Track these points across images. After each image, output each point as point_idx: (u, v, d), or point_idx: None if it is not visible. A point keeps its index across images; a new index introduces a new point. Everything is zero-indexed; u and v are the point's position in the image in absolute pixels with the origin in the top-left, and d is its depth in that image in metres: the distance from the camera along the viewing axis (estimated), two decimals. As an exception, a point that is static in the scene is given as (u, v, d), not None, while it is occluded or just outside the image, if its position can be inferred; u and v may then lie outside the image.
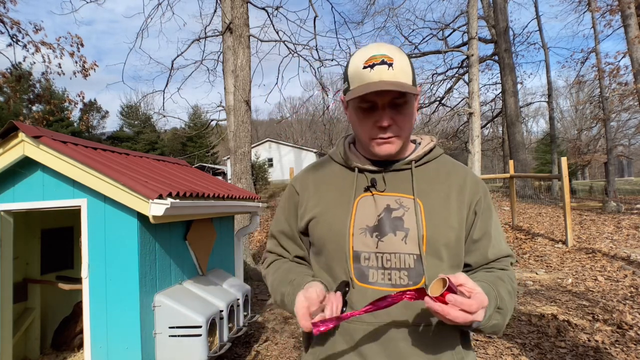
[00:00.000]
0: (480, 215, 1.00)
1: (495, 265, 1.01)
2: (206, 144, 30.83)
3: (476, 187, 1.01)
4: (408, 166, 1.00)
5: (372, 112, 0.93)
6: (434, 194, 0.97)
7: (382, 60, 0.89)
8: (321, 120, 24.77)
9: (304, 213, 1.05)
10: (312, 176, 1.09)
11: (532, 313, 4.15)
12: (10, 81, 9.15)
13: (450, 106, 19.27)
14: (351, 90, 0.92)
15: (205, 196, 3.21)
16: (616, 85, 13.56)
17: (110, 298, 2.69)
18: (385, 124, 0.91)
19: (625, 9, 10.66)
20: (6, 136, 2.76)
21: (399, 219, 0.94)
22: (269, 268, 1.13)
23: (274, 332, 4.18)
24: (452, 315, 0.76)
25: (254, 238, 10.23)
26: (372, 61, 0.89)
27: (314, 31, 9.79)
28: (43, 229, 3.86)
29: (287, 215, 1.11)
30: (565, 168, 6.77)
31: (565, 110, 35.48)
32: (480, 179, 1.04)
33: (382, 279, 0.92)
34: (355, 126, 0.99)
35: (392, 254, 0.92)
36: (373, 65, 0.89)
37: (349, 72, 0.94)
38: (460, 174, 1.02)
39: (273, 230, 1.15)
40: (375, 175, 0.99)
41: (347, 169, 1.04)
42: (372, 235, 0.94)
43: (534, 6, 18.75)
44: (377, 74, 0.88)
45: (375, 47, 0.92)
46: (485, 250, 1.00)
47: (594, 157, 24.26)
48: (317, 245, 1.02)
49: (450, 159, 1.08)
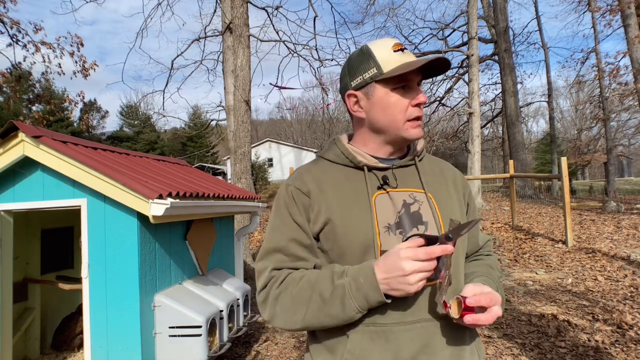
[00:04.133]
0: (471, 206, 1.10)
1: (483, 252, 1.14)
2: (206, 144, 30.86)
3: (463, 180, 1.11)
4: (412, 162, 1.02)
5: (408, 92, 0.96)
6: (438, 187, 1.01)
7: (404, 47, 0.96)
8: (321, 120, 24.70)
9: (317, 217, 0.95)
10: (312, 177, 1.01)
11: (532, 313, 4.15)
12: (10, 81, 9.15)
13: (450, 106, 19.30)
14: (392, 69, 0.93)
15: (205, 196, 3.21)
16: (616, 85, 13.55)
17: (110, 298, 2.69)
18: (424, 99, 0.96)
19: (625, 9, 10.66)
20: (6, 136, 2.76)
21: (417, 213, 0.95)
22: (283, 283, 0.93)
23: (274, 332, 4.18)
24: (483, 321, 0.83)
25: (254, 238, 10.23)
26: (398, 47, 0.95)
27: (314, 31, 9.79)
28: (43, 229, 3.86)
29: (299, 220, 0.96)
30: (565, 168, 6.77)
31: (565, 110, 35.53)
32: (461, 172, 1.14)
33: None
34: (387, 112, 0.96)
35: None
36: (403, 49, 0.95)
37: (378, 57, 0.94)
38: (450, 169, 1.11)
39: (276, 243, 0.97)
40: (385, 172, 0.99)
41: (351, 168, 1.00)
42: (396, 232, 0.93)
43: (534, 6, 18.76)
44: (410, 56, 0.95)
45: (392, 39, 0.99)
46: (477, 237, 1.12)
47: (594, 157, 24.24)
48: (336, 250, 0.94)
49: (431, 155, 1.15)
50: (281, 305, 0.91)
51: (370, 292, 0.83)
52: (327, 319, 0.87)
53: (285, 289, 0.91)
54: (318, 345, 0.98)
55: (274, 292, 0.93)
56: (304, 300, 0.88)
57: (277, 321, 0.93)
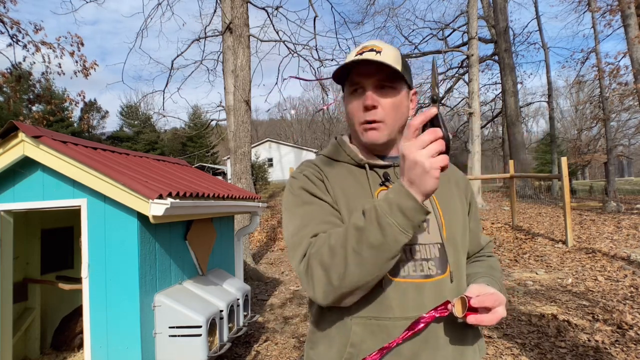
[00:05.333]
0: (473, 206, 1.11)
1: (485, 253, 1.14)
2: (206, 144, 30.85)
3: (465, 181, 1.11)
4: None
5: (360, 96, 0.95)
6: (440, 185, 0.99)
7: (372, 48, 0.93)
8: (321, 120, 24.72)
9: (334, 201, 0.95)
10: (319, 168, 1.02)
11: (532, 313, 4.15)
12: (10, 81, 9.15)
13: (450, 106, 19.30)
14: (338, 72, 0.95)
15: (205, 196, 3.21)
16: (616, 85, 13.54)
17: (110, 298, 2.69)
18: (369, 102, 0.92)
19: (625, 9, 10.66)
20: (6, 136, 2.76)
21: None
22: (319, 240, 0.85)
23: (274, 332, 4.18)
24: (487, 322, 0.83)
25: (254, 238, 10.23)
26: (362, 50, 0.94)
27: (314, 31, 9.79)
28: (43, 229, 3.86)
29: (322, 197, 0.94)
30: (565, 168, 6.77)
31: (565, 110, 35.52)
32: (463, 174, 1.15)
33: (414, 271, 0.92)
34: (348, 116, 1.00)
35: (419, 245, 0.93)
36: (363, 52, 0.93)
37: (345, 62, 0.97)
38: (453, 169, 1.10)
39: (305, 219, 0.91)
40: (386, 169, 1.00)
41: (353, 166, 1.01)
42: None
43: (534, 6, 18.76)
44: (364, 57, 0.92)
45: (370, 41, 0.98)
46: (479, 238, 1.13)
47: (594, 157, 24.23)
48: None
49: None
50: (320, 260, 0.82)
51: (402, 201, 0.75)
52: (370, 252, 0.77)
53: (322, 243, 0.83)
54: (317, 334, 0.99)
55: (311, 252, 0.85)
56: (341, 241, 0.80)
57: (318, 284, 0.82)
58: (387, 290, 0.90)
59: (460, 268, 0.99)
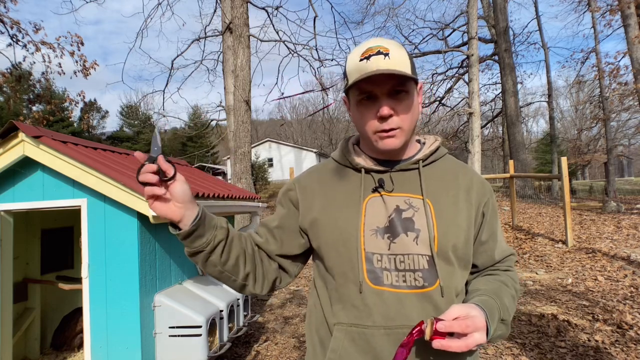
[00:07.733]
0: (488, 217, 1.00)
1: (500, 267, 1.03)
2: (206, 144, 30.82)
3: (483, 188, 1.01)
4: (415, 166, 0.98)
5: (373, 104, 0.90)
6: (442, 194, 0.96)
7: (378, 50, 0.88)
8: (321, 120, 24.67)
9: (306, 212, 1.00)
10: (317, 176, 1.05)
11: (532, 313, 4.15)
12: (10, 81, 9.16)
13: (450, 106, 19.31)
14: (351, 82, 0.90)
15: (206, 196, 3.21)
16: (616, 85, 13.55)
17: (110, 298, 2.69)
18: (385, 112, 0.88)
19: (625, 9, 10.66)
20: (6, 136, 2.76)
21: (409, 220, 0.92)
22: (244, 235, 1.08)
23: (274, 332, 4.17)
24: (454, 348, 0.77)
25: (254, 238, 10.22)
26: (368, 53, 0.88)
27: (314, 31, 9.78)
28: (43, 229, 3.86)
29: (281, 211, 1.08)
30: (565, 168, 6.76)
31: (565, 110, 35.52)
32: (485, 179, 1.04)
33: (396, 280, 0.90)
34: (358, 123, 0.96)
35: (405, 255, 0.90)
36: (369, 56, 0.88)
37: (347, 68, 0.93)
38: (467, 175, 1.01)
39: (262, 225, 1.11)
40: (382, 175, 0.97)
41: (352, 170, 1.01)
42: (384, 236, 0.91)
43: (534, 6, 18.77)
44: (374, 64, 0.87)
45: (372, 40, 0.92)
46: (492, 251, 1.02)
47: (594, 157, 24.25)
48: (323, 248, 0.97)
49: (454, 159, 1.07)
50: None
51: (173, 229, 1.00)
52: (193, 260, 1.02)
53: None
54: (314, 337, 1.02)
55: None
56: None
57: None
58: (367, 298, 0.90)
59: (455, 282, 0.93)
